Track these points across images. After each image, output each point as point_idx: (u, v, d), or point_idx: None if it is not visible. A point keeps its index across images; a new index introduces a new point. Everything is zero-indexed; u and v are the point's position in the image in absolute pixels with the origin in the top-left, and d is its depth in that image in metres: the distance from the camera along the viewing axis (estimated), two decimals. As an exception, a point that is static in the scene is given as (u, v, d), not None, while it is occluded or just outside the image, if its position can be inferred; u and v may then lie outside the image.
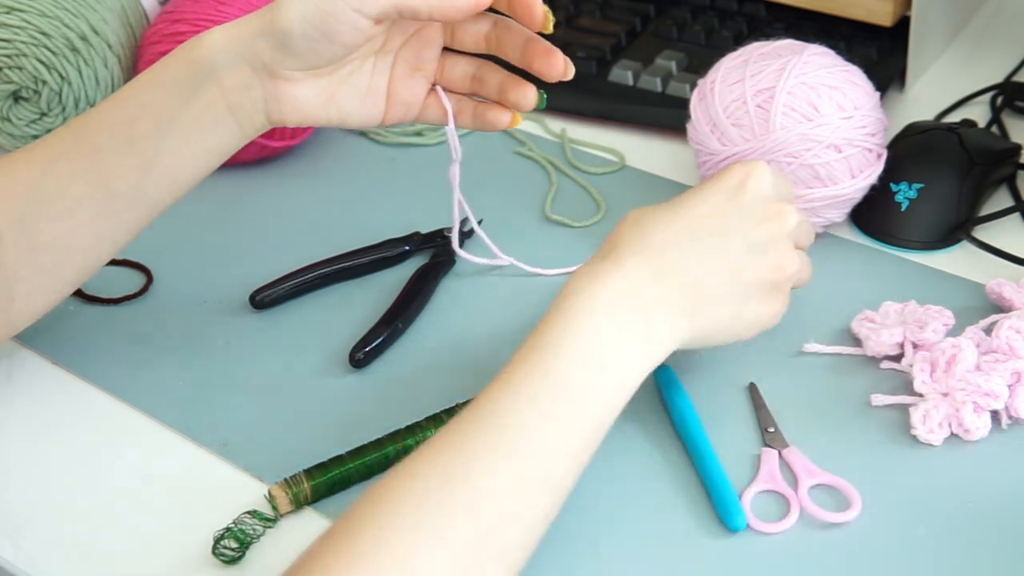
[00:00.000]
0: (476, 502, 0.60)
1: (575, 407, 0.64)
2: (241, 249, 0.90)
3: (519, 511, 0.61)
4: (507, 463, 0.61)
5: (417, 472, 0.60)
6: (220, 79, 0.71)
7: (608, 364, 0.65)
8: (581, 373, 0.64)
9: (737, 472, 0.72)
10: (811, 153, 0.82)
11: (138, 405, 0.79)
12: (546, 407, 0.63)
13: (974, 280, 0.83)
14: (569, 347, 0.64)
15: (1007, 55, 1.04)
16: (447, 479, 0.60)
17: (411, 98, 0.75)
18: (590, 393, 0.64)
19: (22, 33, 0.94)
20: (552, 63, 0.72)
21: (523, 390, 0.63)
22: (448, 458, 0.61)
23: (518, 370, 0.64)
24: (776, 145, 0.82)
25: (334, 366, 0.81)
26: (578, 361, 0.64)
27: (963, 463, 0.72)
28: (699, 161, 0.87)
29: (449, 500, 0.59)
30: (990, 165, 0.88)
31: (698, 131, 0.86)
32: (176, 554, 0.70)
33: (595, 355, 0.64)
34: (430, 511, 0.59)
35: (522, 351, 0.65)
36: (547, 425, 0.63)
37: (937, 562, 0.67)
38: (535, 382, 0.63)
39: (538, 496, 0.62)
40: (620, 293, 0.66)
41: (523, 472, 0.61)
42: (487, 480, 0.60)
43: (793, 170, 0.82)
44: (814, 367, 0.78)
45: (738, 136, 0.83)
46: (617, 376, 0.65)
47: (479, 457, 0.61)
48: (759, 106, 0.82)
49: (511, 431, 0.62)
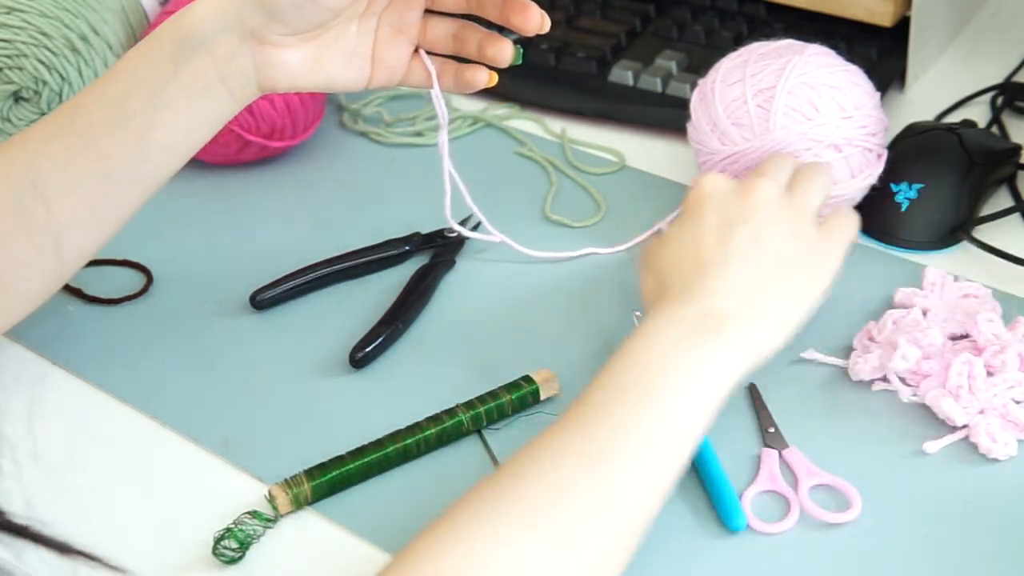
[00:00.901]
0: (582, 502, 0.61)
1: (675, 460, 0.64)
2: (241, 249, 0.90)
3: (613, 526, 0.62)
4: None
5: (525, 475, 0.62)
6: (209, 49, 0.72)
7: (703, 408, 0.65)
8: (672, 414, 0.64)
9: (737, 472, 0.72)
10: (811, 153, 0.82)
11: (138, 405, 0.79)
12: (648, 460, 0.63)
13: (975, 280, 0.83)
14: (662, 386, 0.65)
15: (1007, 55, 1.04)
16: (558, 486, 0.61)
17: (395, 61, 0.76)
18: (680, 429, 0.65)
19: (22, 34, 0.94)
20: (528, 16, 0.73)
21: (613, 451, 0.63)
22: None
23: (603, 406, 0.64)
24: (776, 145, 0.82)
25: (334, 366, 0.81)
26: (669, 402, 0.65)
27: (964, 464, 0.72)
28: (699, 161, 0.87)
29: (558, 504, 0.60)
30: (990, 165, 0.88)
31: (698, 131, 0.86)
32: (176, 554, 0.70)
33: (683, 398, 0.65)
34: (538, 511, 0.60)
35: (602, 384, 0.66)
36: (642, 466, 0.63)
37: (938, 563, 0.67)
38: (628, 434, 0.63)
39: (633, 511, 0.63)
40: (692, 327, 0.67)
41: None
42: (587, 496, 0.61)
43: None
44: (814, 367, 0.78)
45: (738, 136, 0.83)
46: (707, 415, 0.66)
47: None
48: (759, 106, 0.82)
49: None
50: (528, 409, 0.76)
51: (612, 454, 0.62)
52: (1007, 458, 0.71)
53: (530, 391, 0.76)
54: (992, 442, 0.71)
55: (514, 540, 0.59)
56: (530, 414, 0.76)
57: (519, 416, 0.76)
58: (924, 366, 0.75)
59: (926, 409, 0.74)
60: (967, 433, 0.73)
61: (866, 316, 0.81)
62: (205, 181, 0.75)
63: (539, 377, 0.77)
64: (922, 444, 0.72)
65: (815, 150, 0.82)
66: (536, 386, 0.76)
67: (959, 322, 0.78)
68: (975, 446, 0.72)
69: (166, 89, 0.72)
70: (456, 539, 0.59)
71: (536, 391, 0.76)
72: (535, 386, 0.76)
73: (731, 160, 0.83)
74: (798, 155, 0.82)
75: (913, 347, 0.74)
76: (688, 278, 0.70)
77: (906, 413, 0.74)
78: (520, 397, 0.76)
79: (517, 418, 0.76)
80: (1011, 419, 0.72)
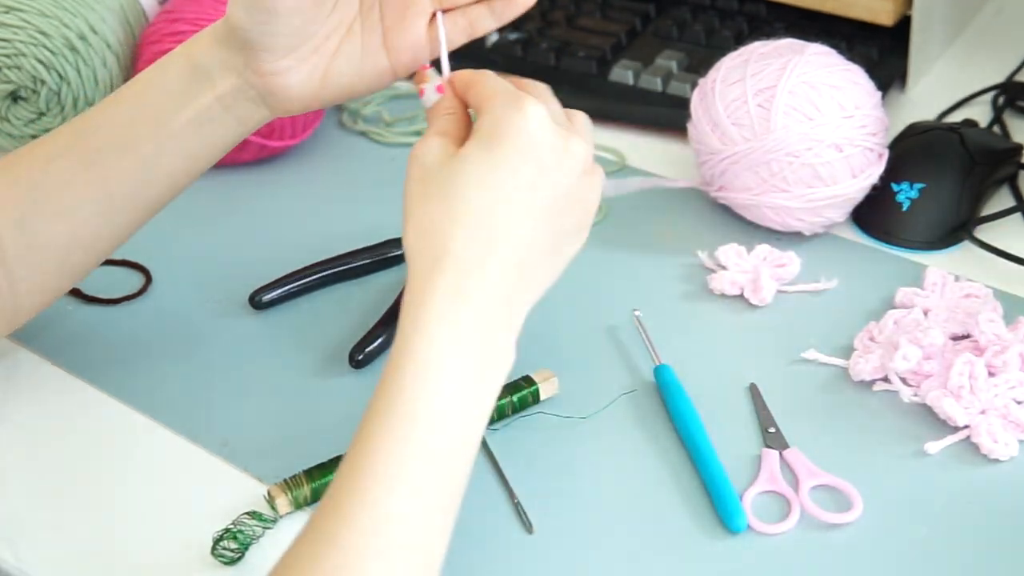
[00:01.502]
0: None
1: (443, 472, 0.60)
2: (241, 249, 0.90)
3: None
4: (386, 547, 0.57)
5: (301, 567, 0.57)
6: (214, 84, 0.71)
7: (469, 412, 0.61)
8: (443, 439, 0.60)
9: (738, 473, 0.72)
10: (812, 152, 0.82)
11: (138, 405, 0.79)
12: (415, 483, 0.58)
13: (975, 280, 0.83)
14: (426, 412, 0.59)
15: (1008, 55, 1.04)
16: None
17: (414, 39, 0.72)
18: (456, 453, 0.60)
19: (21, 33, 0.93)
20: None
21: (387, 470, 0.58)
22: (323, 551, 0.57)
23: (376, 441, 0.59)
24: (777, 144, 0.81)
25: (334, 366, 0.80)
26: (438, 428, 0.59)
27: (965, 464, 0.72)
28: (699, 161, 0.87)
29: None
30: (991, 165, 0.88)
31: (699, 130, 0.86)
32: (176, 554, 0.70)
33: (454, 413, 0.60)
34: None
35: (377, 409, 0.60)
36: (417, 500, 0.58)
37: (938, 563, 0.67)
38: (396, 457, 0.59)
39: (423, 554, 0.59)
40: (469, 329, 0.61)
41: (406, 545, 0.58)
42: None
43: (794, 169, 0.82)
44: (815, 367, 0.78)
45: (739, 135, 0.83)
46: (479, 417, 0.61)
47: (356, 550, 0.57)
48: (760, 105, 0.82)
49: (384, 518, 0.58)
50: (528, 409, 0.76)
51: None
52: (1008, 459, 0.71)
53: (530, 391, 0.76)
54: (993, 442, 0.71)
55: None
56: (530, 414, 0.76)
57: (519, 416, 0.76)
58: (925, 366, 0.75)
59: (927, 409, 0.74)
60: (968, 433, 0.72)
61: (867, 316, 0.80)
62: (204, 181, 0.75)
63: (539, 377, 0.76)
64: (923, 444, 0.72)
65: (816, 149, 0.82)
66: (536, 386, 0.76)
67: (960, 322, 0.78)
68: (976, 446, 0.72)
69: (173, 118, 0.71)
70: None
71: (536, 391, 0.76)
72: (535, 386, 0.76)
73: (732, 160, 0.83)
74: (799, 154, 0.82)
75: (914, 347, 0.74)
76: (477, 246, 0.61)
77: (907, 413, 0.74)
78: (520, 397, 0.76)
79: (517, 418, 0.76)
80: (1012, 419, 0.72)
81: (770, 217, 0.85)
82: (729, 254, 0.85)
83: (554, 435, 0.75)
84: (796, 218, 0.85)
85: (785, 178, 0.83)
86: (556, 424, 0.76)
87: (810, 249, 0.85)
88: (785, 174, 0.82)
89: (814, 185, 0.83)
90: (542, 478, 0.73)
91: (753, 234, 0.87)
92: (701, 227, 0.89)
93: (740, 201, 0.85)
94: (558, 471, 0.73)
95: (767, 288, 0.82)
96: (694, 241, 0.87)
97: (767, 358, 0.79)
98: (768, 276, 0.82)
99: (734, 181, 0.85)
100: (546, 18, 1.08)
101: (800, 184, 0.83)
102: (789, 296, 0.83)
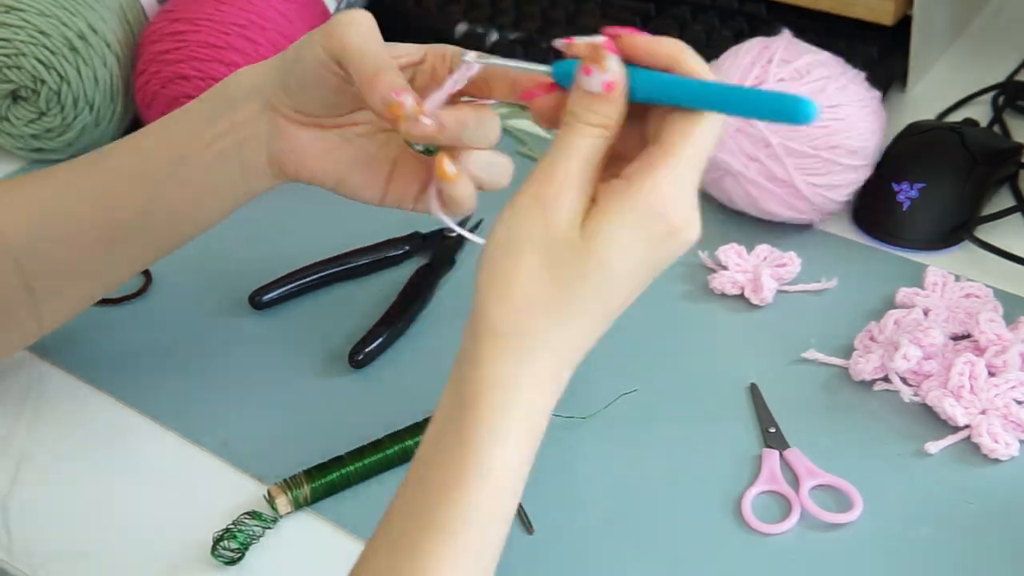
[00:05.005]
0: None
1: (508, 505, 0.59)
2: (241, 249, 0.90)
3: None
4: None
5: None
6: (233, 113, 0.70)
7: (526, 467, 0.60)
8: (509, 496, 0.59)
9: (738, 472, 0.72)
10: (811, 152, 0.82)
11: (138, 405, 0.79)
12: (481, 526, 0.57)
13: (976, 280, 0.83)
14: (491, 473, 0.58)
15: (1009, 54, 1.04)
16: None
17: (411, 178, 0.71)
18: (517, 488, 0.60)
19: (21, 32, 0.93)
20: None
21: (449, 524, 0.57)
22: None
23: (438, 495, 0.58)
24: (776, 143, 0.81)
25: (334, 366, 0.80)
26: (503, 487, 0.59)
27: (965, 464, 0.72)
28: (700, 161, 0.87)
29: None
30: (992, 165, 0.88)
31: (699, 130, 0.86)
32: (176, 554, 0.70)
33: (518, 475, 0.60)
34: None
35: (444, 462, 0.58)
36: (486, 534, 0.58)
37: (939, 563, 0.67)
38: (458, 510, 0.57)
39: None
40: (552, 392, 0.60)
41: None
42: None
43: (791, 167, 0.82)
44: (816, 367, 0.78)
45: (738, 135, 0.83)
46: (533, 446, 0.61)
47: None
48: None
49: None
50: (528, 409, 0.76)
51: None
52: (1009, 458, 0.71)
53: (530, 391, 0.76)
54: (994, 442, 0.71)
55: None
56: (530, 414, 0.76)
57: (519, 416, 0.76)
58: (925, 366, 0.75)
59: (927, 409, 0.74)
60: (969, 433, 0.72)
61: (867, 316, 0.80)
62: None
63: (539, 377, 0.76)
64: (923, 444, 0.72)
65: (815, 148, 0.82)
66: (536, 386, 0.76)
67: (961, 322, 0.78)
68: (977, 446, 0.72)
69: (186, 143, 0.71)
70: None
71: (536, 391, 0.76)
72: (535, 386, 0.76)
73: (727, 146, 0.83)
74: (799, 154, 0.82)
75: (914, 347, 0.74)
76: (585, 340, 0.60)
77: (907, 413, 0.74)
78: (520, 397, 0.75)
79: (517, 418, 0.76)
80: (1013, 419, 0.72)
81: (769, 207, 0.85)
82: (729, 254, 0.85)
83: (554, 435, 0.75)
84: (790, 205, 0.84)
85: (779, 159, 0.82)
86: (556, 424, 0.75)
87: (811, 249, 0.85)
88: (779, 156, 0.82)
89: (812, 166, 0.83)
90: (542, 478, 0.72)
91: (753, 234, 0.87)
92: (702, 227, 0.89)
93: (732, 188, 0.85)
94: (558, 471, 0.73)
95: (767, 288, 0.82)
96: (694, 241, 0.87)
97: (767, 358, 0.79)
98: (768, 276, 0.82)
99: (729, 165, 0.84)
100: (546, 18, 1.08)
101: (798, 171, 0.82)
102: (789, 296, 0.83)
